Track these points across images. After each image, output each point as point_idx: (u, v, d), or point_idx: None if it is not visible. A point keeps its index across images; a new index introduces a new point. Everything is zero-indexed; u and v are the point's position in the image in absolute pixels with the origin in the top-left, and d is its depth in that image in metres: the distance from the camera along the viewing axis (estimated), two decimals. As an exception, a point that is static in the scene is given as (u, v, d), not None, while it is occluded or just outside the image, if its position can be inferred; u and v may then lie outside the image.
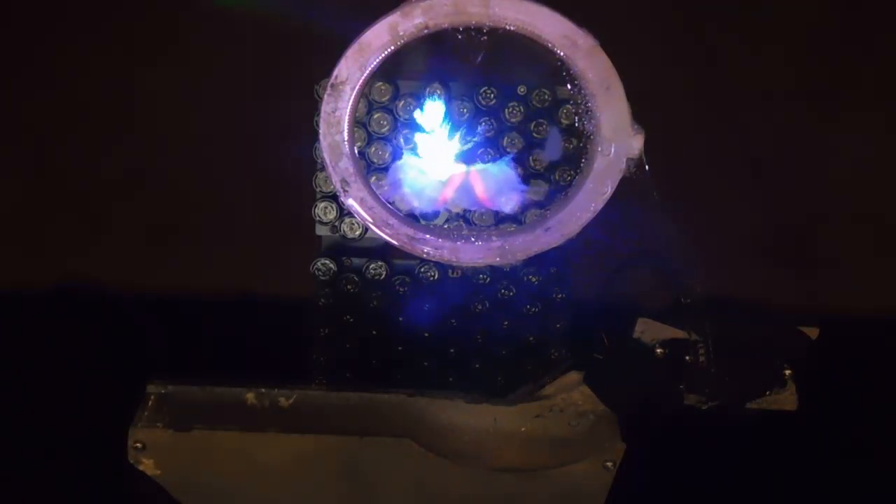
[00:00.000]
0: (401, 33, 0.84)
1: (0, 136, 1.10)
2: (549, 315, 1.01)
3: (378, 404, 0.83)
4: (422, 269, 1.01)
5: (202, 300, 1.06)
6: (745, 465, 0.93)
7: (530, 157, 0.98)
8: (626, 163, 0.87)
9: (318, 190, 0.99)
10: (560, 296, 1.03)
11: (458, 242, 0.90)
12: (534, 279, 1.02)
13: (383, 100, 0.96)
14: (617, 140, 0.87)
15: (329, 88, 0.85)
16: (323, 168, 0.91)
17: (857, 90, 1.13)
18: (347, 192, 0.89)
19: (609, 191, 0.88)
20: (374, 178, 0.97)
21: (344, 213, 0.99)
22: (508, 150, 0.98)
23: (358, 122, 0.95)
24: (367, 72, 0.85)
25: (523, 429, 0.83)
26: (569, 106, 0.96)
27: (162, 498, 0.80)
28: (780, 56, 1.12)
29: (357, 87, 0.85)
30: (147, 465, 0.79)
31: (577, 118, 0.95)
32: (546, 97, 0.97)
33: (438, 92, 0.97)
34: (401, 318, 1.00)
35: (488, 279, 1.02)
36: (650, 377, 0.83)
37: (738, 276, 1.07)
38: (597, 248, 0.97)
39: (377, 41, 0.84)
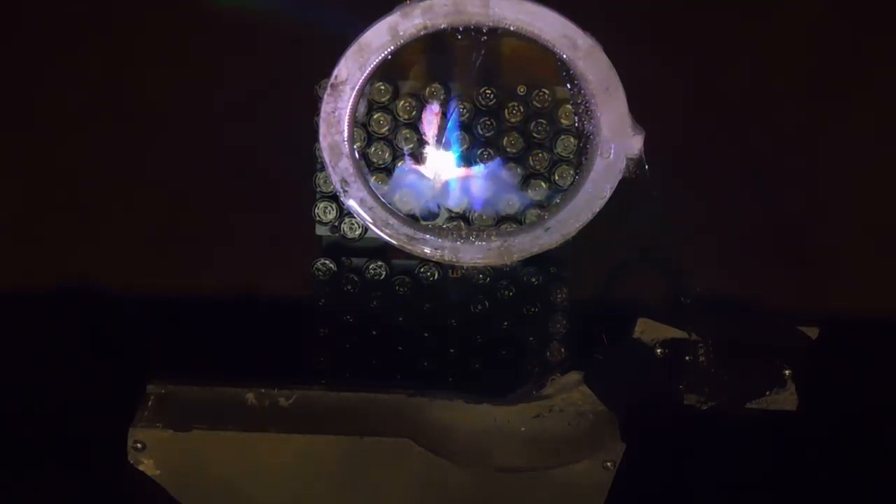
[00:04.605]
0: (401, 33, 0.84)
1: (0, 136, 1.10)
2: (549, 315, 1.01)
3: (378, 404, 0.82)
4: (422, 269, 1.01)
5: (202, 300, 1.06)
6: (745, 465, 0.93)
7: (530, 157, 0.98)
8: (626, 163, 0.87)
9: (318, 190, 0.99)
10: (560, 296, 1.03)
11: (458, 242, 0.90)
12: (534, 279, 1.02)
13: (383, 100, 0.96)
14: (617, 140, 0.87)
15: (329, 88, 0.86)
16: (323, 168, 0.91)
17: (858, 90, 1.13)
18: (347, 192, 0.89)
19: (609, 191, 0.88)
20: (374, 178, 0.97)
21: (344, 213, 0.99)
22: (508, 150, 0.98)
23: (358, 122, 0.95)
24: (367, 72, 0.85)
25: (523, 429, 0.83)
26: (569, 106, 0.97)
27: (162, 498, 0.80)
28: (781, 56, 1.12)
29: (357, 87, 0.85)
30: (147, 465, 0.79)
31: (577, 118, 0.95)
32: (546, 97, 0.97)
33: (438, 92, 0.97)
34: (401, 318, 1.00)
35: (488, 279, 1.02)
36: (650, 377, 0.83)
37: (738, 276, 1.07)
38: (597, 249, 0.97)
39: (377, 41, 0.84)
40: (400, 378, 0.94)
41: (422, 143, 0.98)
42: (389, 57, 0.85)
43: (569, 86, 0.92)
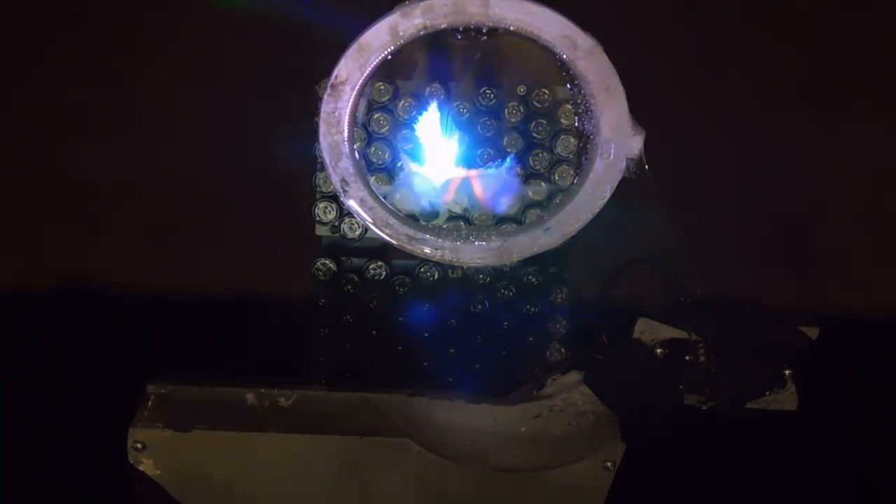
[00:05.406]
0: (401, 33, 0.84)
1: (0, 136, 1.10)
2: (549, 315, 1.01)
3: (378, 404, 0.83)
4: (422, 269, 1.01)
5: (202, 300, 1.06)
6: (745, 464, 0.93)
7: (530, 157, 0.98)
8: (626, 163, 0.87)
9: (318, 190, 0.99)
10: (560, 296, 1.03)
11: (458, 242, 0.90)
12: (534, 279, 1.02)
13: (383, 100, 0.96)
14: (617, 140, 0.87)
15: (329, 88, 0.86)
16: (323, 168, 0.92)
17: (859, 90, 1.13)
18: (347, 192, 0.89)
19: (609, 191, 0.88)
20: (374, 179, 0.97)
21: (344, 213, 0.99)
22: (508, 150, 0.98)
23: (358, 122, 0.95)
24: (367, 72, 0.85)
25: (523, 429, 0.83)
26: (569, 106, 0.96)
27: (162, 498, 0.80)
28: (781, 56, 1.12)
29: (357, 87, 0.86)
30: (147, 465, 0.79)
31: (577, 118, 0.95)
32: (546, 97, 0.97)
33: (438, 92, 0.97)
34: (401, 318, 1.00)
35: (488, 279, 1.02)
36: (650, 377, 0.83)
37: (738, 276, 1.07)
38: (597, 248, 0.97)
39: (377, 41, 0.84)
40: (400, 378, 0.93)
41: (422, 143, 0.98)
42: (389, 57, 0.85)
43: (569, 86, 0.92)
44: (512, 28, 0.84)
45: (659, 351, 0.83)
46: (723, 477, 0.91)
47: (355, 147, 0.90)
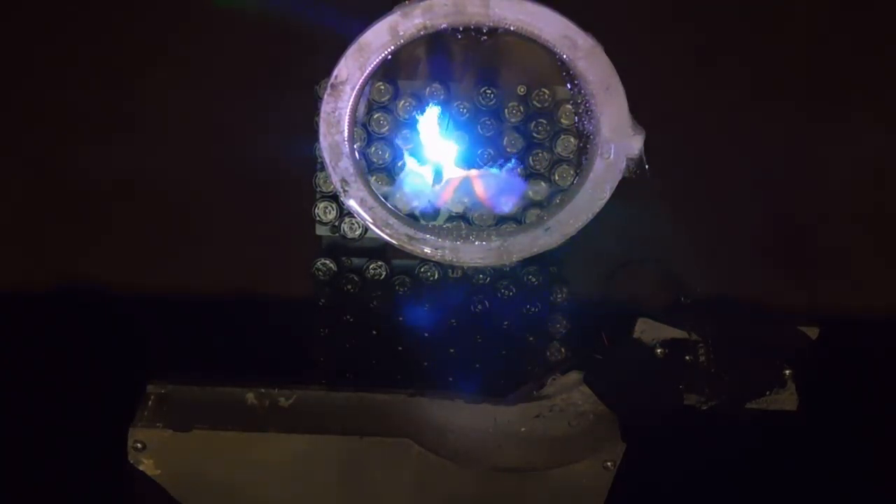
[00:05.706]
0: (401, 33, 0.84)
1: (0, 136, 1.10)
2: (549, 315, 1.02)
3: (378, 404, 0.83)
4: (422, 269, 1.01)
5: (202, 300, 1.06)
6: (745, 464, 0.93)
7: (530, 157, 0.98)
8: (626, 163, 0.88)
9: (318, 190, 1.00)
10: (560, 296, 1.03)
11: (458, 242, 0.91)
12: (534, 279, 1.02)
13: (383, 100, 0.96)
14: (617, 140, 0.87)
15: (329, 88, 0.86)
16: (323, 168, 0.92)
17: (859, 90, 1.13)
18: (347, 192, 0.89)
19: (609, 191, 0.88)
20: (374, 178, 0.97)
21: (344, 213, 0.99)
22: (508, 150, 0.98)
23: (358, 122, 0.95)
24: (367, 72, 0.85)
25: (523, 429, 0.83)
26: (569, 106, 0.97)
27: (162, 498, 0.80)
28: (781, 56, 1.12)
29: (357, 87, 0.86)
30: (147, 465, 0.79)
31: (577, 118, 0.95)
32: (546, 97, 0.97)
33: (438, 92, 0.97)
34: (401, 318, 1.00)
35: (488, 279, 1.02)
36: (650, 377, 0.83)
37: (738, 276, 1.07)
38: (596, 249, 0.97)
39: (377, 41, 0.84)
40: (400, 378, 0.93)
41: (422, 143, 0.98)
42: (389, 57, 0.85)
43: (569, 86, 0.92)
44: (512, 28, 0.84)
45: (659, 351, 0.83)
46: (723, 477, 0.91)
47: (355, 147, 0.90)
